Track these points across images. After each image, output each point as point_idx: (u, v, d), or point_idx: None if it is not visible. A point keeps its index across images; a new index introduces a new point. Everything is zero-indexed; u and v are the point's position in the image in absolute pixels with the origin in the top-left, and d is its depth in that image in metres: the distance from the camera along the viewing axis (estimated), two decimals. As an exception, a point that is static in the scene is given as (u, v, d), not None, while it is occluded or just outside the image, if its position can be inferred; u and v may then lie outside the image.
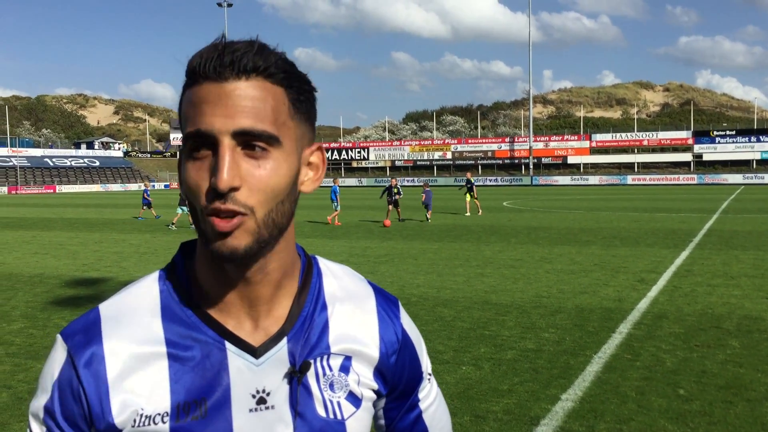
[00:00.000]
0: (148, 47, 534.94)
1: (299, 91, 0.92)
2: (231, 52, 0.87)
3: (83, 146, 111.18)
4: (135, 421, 0.92)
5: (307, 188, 0.97)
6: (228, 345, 0.96)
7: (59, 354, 0.95)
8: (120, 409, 0.92)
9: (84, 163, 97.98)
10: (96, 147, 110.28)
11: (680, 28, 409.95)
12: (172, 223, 23.66)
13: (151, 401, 0.92)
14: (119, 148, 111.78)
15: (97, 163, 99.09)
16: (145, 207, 28.73)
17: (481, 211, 28.33)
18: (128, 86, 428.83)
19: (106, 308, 0.98)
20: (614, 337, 7.42)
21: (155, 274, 1.01)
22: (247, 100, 0.86)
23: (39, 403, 0.95)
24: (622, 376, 6.04)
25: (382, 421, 1.11)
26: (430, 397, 1.14)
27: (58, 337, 0.97)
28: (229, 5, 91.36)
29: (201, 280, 0.98)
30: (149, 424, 0.92)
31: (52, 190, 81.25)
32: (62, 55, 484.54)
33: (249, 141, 0.86)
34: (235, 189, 0.85)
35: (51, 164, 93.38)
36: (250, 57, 0.87)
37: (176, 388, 0.93)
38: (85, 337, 0.94)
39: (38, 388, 0.97)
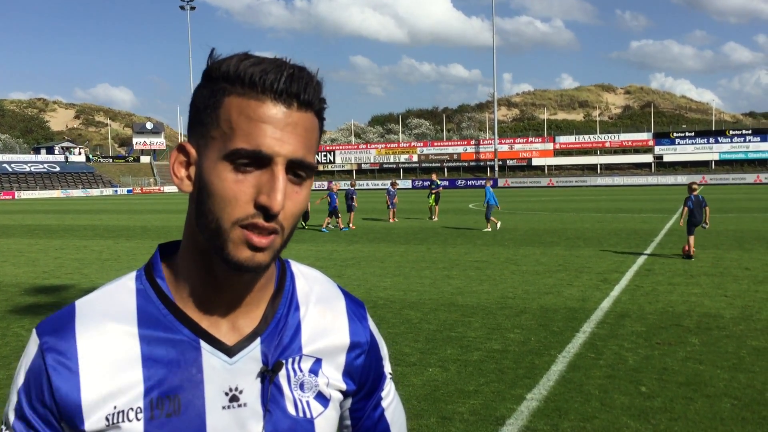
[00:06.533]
0: (103, 51, 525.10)
1: (322, 123, 0.99)
2: (298, 80, 0.91)
3: (43, 151, 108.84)
4: (108, 417, 0.93)
5: None
6: (203, 344, 0.97)
7: (31, 347, 0.97)
8: (91, 405, 0.93)
9: (44, 168, 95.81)
10: (56, 152, 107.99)
11: (631, 33, 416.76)
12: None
13: (125, 397, 0.94)
14: (80, 153, 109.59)
15: (58, 169, 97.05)
16: None
17: (436, 217, 26.65)
18: (85, 90, 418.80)
19: (81, 304, 0.99)
20: (578, 336, 7.52)
21: (132, 273, 1.03)
22: (305, 132, 0.92)
23: (10, 405, 0.97)
24: (586, 374, 6.13)
25: (348, 422, 1.14)
26: (391, 395, 1.18)
27: (33, 330, 0.98)
28: (192, 8, 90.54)
29: (182, 281, 1.00)
30: (123, 420, 0.93)
31: (10, 197, 79.32)
32: (14, 58, 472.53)
33: (296, 169, 0.92)
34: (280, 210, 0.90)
35: (9, 170, 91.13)
36: (311, 91, 0.92)
37: (150, 385, 0.95)
38: (58, 331, 0.96)
39: (12, 383, 0.98)
